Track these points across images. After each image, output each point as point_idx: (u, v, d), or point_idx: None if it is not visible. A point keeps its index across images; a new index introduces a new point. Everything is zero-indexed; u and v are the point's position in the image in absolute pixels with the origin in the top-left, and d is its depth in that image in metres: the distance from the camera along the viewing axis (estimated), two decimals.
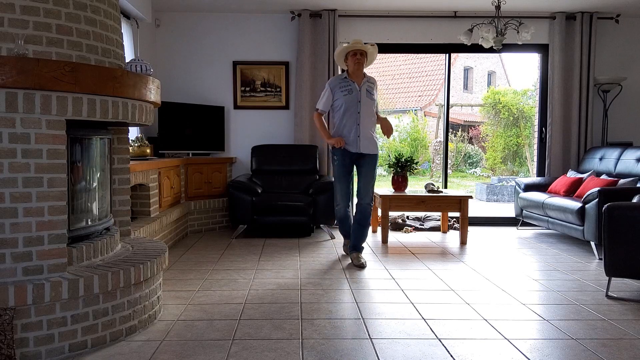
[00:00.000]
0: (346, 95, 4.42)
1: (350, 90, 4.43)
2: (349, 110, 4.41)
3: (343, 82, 4.48)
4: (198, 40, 6.23)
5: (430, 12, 6.16)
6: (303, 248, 5.00)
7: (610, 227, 3.38)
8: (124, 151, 3.22)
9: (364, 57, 4.44)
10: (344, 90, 4.44)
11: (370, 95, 4.48)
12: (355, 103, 4.41)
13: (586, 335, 2.77)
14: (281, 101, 6.31)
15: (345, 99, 4.42)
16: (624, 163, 5.37)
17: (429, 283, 3.79)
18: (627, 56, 6.30)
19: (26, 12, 2.41)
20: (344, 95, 4.42)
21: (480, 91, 19.80)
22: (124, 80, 2.64)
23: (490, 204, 10.72)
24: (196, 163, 5.73)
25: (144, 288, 2.81)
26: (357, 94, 4.42)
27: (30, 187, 2.36)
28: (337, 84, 4.49)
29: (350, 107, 4.41)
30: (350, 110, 4.41)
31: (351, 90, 4.43)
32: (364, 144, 4.43)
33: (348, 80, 4.47)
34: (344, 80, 4.49)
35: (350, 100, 4.41)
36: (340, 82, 4.49)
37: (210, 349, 2.55)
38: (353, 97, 4.41)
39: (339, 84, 4.48)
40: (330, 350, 2.55)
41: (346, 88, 4.45)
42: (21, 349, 2.31)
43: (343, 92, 4.43)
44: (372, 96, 4.49)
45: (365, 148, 4.43)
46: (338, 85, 4.48)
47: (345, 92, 4.43)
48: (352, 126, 4.41)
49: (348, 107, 4.41)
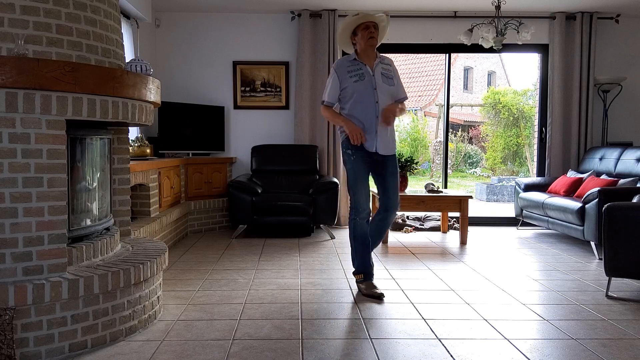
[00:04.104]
0: (357, 82, 3.48)
1: (361, 74, 3.49)
2: (361, 100, 3.48)
3: (352, 64, 3.53)
4: (198, 40, 6.23)
5: (430, 12, 6.16)
6: (303, 248, 5.00)
7: (610, 227, 3.38)
8: (124, 151, 3.22)
9: (377, 31, 3.54)
10: (353, 76, 3.50)
11: (389, 79, 3.56)
12: (370, 91, 3.48)
13: (586, 335, 2.76)
14: (281, 101, 6.31)
15: (355, 87, 3.48)
16: (624, 163, 5.37)
17: (429, 283, 3.78)
18: (627, 56, 6.30)
19: (26, 12, 2.41)
20: (354, 82, 3.48)
21: (480, 91, 19.81)
22: (124, 80, 2.64)
23: (490, 204, 10.72)
24: (196, 163, 5.73)
25: (144, 288, 2.81)
26: (371, 80, 3.49)
27: (30, 187, 2.36)
28: (344, 68, 3.53)
29: (364, 96, 3.48)
30: (363, 101, 3.48)
31: (362, 74, 3.49)
32: (384, 142, 3.51)
33: (358, 62, 3.53)
34: (352, 62, 3.54)
35: (362, 87, 3.48)
36: (349, 65, 3.53)
37: (210, 349, 2.55)
38: (366, 84, 3.48)
39: (347, 68, 3.53)
40: (330, 350, 2.55)
41: (356, 72, 3.50)
42: (21, 349, 2.31)
43: (353, 78, 3.49)
44: (392, 80, 3.57)
45: (384, 148, 3.51)
46: (346, 68, 3.53)
47: (356, 78, 3.49)
48: (370, 119, 3.48)
49: (361, 96, 3.48)
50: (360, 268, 3.56)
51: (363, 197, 3.50)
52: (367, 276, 3.54)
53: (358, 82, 3.48)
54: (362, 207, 3.50)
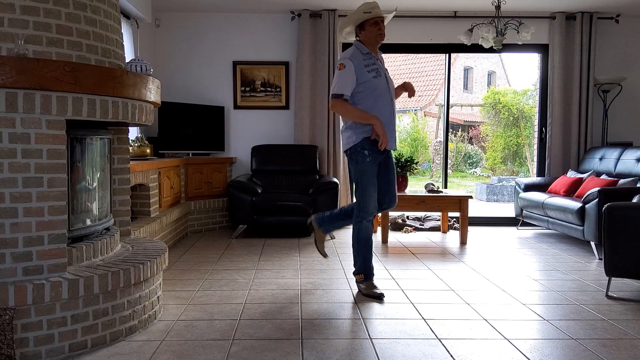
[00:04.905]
0: (376, 78, 3.30)
1: (377, 70, 3.32)
2: (381, 97, 3.32)
3: (367, 58, 3.32)
4: (198, 40, 6.23)
5: (430, 12, 6.16)
6: (303, 248, 5.00)
7: (610, 227, 3.38)
8: (124, 151, 3.22)
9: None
10: (371, 70, 3.29)
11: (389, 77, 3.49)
12: (386, 88, 3.36)
13: (586, 335, 2.76)
14: (281, 101, 6.31)
15: (376, 83, 3.30)
16: (624, 163, 5.37)
17: (429, 283, 3.78)
18: (627, 56, 6.30)
19: (26, 12, 2.41)
20: (373, 77, 3.29)
21: (480, 91, 19.81)
22: (124, 80, 2.64)
23: (490, 204, 10.72)
24: (196, 163, 5.73)
25: (144, 288, 2.81)
26: (385, 76, 3.39)
27: (30, 187, 2.36)
28: (359, 60, 3.30)
29: (383, 94, 3.33)
30: (382, 99, 3.33)
31: (378, 70, 3.33)
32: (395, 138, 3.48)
33: (372, 57, 3.35)
34: (367, 55, 3.34)
35: (380, 85, 3.32)
36: (364, 59, 3.32)
37: (210, 349, 2.55)
38: (382, 81, 3.33)
39: (363, 61, 3.30)
40: (330, 350, 2.55)
41: (372, 67, 3.31)
42: (21, 349, 2.31)
43: (371, 73, 3.29)
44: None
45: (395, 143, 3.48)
46: (362, 61, 3.30)
47: (374, 73, 3.30)
48: (389, 118, 3.36)
49: (380, 94, 3.32)
50: (362, 269, 3.52)
51: (373, 199, 3.40)
52: (367, 276, 3.52)
53: (377, 77, 3.31)
54: (371, 211, 3.41)
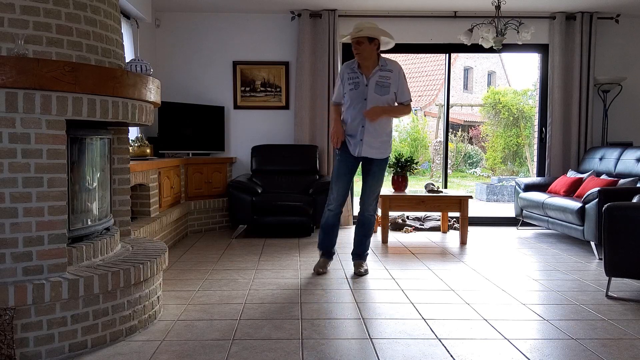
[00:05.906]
0: (352, 90, 3.76)
1: (356, 83, 3.74)
2: (353, 108, 3.78)
3: (352, 72, 3.79)
4: (198, 40, 6.23)
5: (430, 12, 6.16)
6: (303, 248, 5.00)
7: (610, 227, 3.38)
8: (124, 151, 3.22)
9: (365, 45, 3.67)
10: (351, 83, 3.76)
11: (384, 88, 3.74)
12: (361, 101, 3.75)
13: (586, 335, 2.76)
14: (281, 101, 6.31)
15: (350, 94, 3.77)
16: (624, 163, 5.37)
17: (429, 283, 3.78)
18: (627, 56, 6.30)
19: (26, 12, 2.41)
20: (350, 90, 3.77)
21: (480, 91, 19.81)
22: (124, 80, 2.64)
23: (490, 204, 10.72)
24: (196, 163, 5.73)
25: (144, 288, 2.81)
26: (364, 90, 3.73)
27: (30, 187, 2.36)
28: (346, 74, 3.81)
29: (355, 104, 3.77)
30: (354, 109, 3.78)
31: (357, 84, 3.74)
32: (368, 147, 3.81)
33: (356, 71, 3.77)
34: (352, 69, 3.79)
35: (355, 96, 3.76)
36: (349, 72, 3.80)
37: (210, 349, 2.55)
38: (359, 94, 3.74)
39: (348, 74, 3.80)
40: (330, 350, 2.55)
41: (353, 80, 3.76)
42: (21, 349, 2.31)
43: (350, 86, 3.77)
44: (387, 89, 3.75)
45: (367, 152, 3.83)
46: (347, 74, 3.80)
47: (352, 86, 3.75)
48: (356, 127, 3.79)
49: (353, 104, 3.78)
50: (321, 247, 4.12)
51: (335, 193, 3.93)
52: (325, 254, 4.09)
53: (353, 90, 3.78)
54: (331, 201, 3.96)
